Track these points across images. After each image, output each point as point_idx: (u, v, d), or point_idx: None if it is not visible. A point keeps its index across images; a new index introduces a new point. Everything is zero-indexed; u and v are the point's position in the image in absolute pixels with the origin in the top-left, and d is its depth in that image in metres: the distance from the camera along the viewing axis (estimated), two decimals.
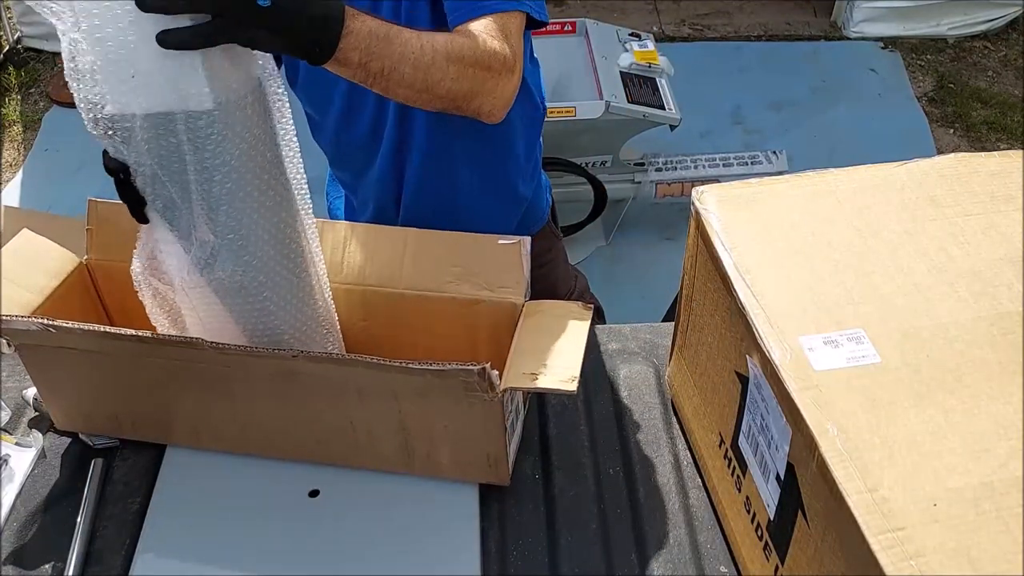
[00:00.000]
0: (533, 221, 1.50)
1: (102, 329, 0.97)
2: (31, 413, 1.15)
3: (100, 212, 1.12)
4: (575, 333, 0.98)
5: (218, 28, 0.80)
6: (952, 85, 3.47)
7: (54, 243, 1.13)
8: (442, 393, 0.94)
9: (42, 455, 1.10)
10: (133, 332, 0.96)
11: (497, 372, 0.90)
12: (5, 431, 1.12)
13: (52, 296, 1.09)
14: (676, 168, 2.68)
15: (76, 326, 0.96)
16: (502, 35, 1.09)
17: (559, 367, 0.93)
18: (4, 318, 0.98)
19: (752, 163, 2.70)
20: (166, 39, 0.77)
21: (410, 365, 0.90)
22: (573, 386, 0.90)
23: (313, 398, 1.00)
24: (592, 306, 1.02)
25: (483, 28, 1.09)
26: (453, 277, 1.07)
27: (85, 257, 1.14)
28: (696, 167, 2.68)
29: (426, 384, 0.93)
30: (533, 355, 0.95)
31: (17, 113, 3.34)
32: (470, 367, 0.88)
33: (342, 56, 0.93)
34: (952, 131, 3.28)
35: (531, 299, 1.06)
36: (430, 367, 0.89)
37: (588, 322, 0.99)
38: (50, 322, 0.96)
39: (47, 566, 0.99)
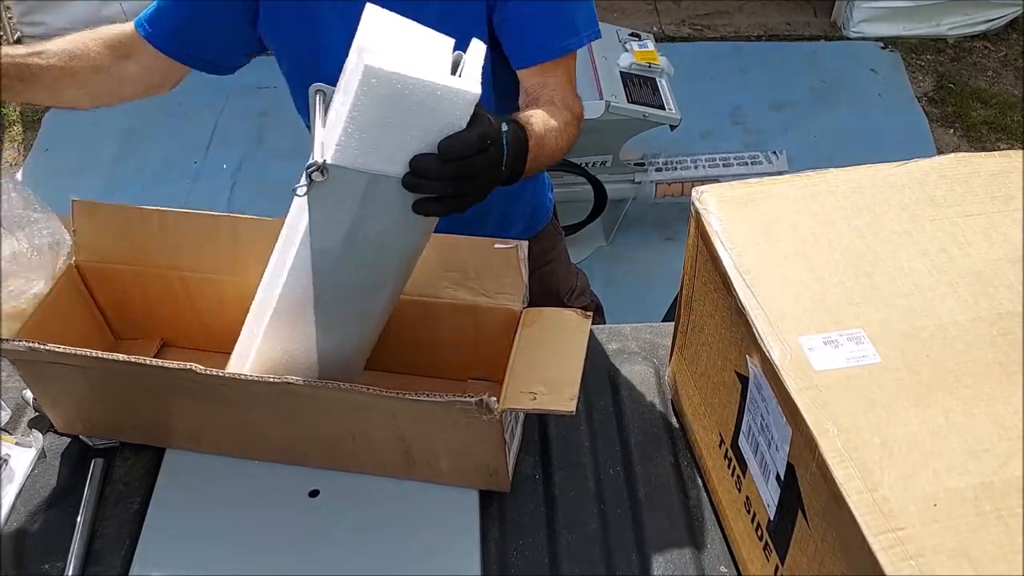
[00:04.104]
0: (538, 220, 1.51)
1: (93, 355, 0.96)
2: (31, 413, 1.15)
3: (84, 212, 1.12)
4: (574, 346, 0.97)
5: (463, 200, 0.87)
6: (952, 85, 3.47)
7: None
8: (440, 415, 0.94)
9: (42, 455, 1.10)
10: (125, 358, 0.95)
11: (495, 399, 0.90)
12: (5, 431, 1.12)
13: (43, 303, 1.07)
14: (676, 168, 2.68)
15: (66, 350, 0.96)
16: (574, 89, 1.19)
17: (558, 384, 0.92)
18: None
19: (752, 163, 2.70)
20: (419, 210, 0.85)
21: (406, 396, 0.90)
22: (572, 406, 0.90)
23: (311, 412, 1.00)
24: (591, 314, 1.01)
25: (566, 92, 1.17)
26: (450, 282, 1.07)
27: (73, 259, 1.13)
28: (696, 167, 2.68)
29: (424, 409, 0.93)
30: (532, 370, 0.94)
31: (17, 113, 3.34)
32: (468, 399, 0.89)
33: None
34: (952, 131, 3.28)
35: (533, 297, 1.06)
36: (428, 398, 0.89)
37: (587, 333, 0.98)
38: (39, 346, 0.95)
39: (47, 566, 0.99)
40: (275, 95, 3.57)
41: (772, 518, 0.85)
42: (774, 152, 2.73)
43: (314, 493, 1.06)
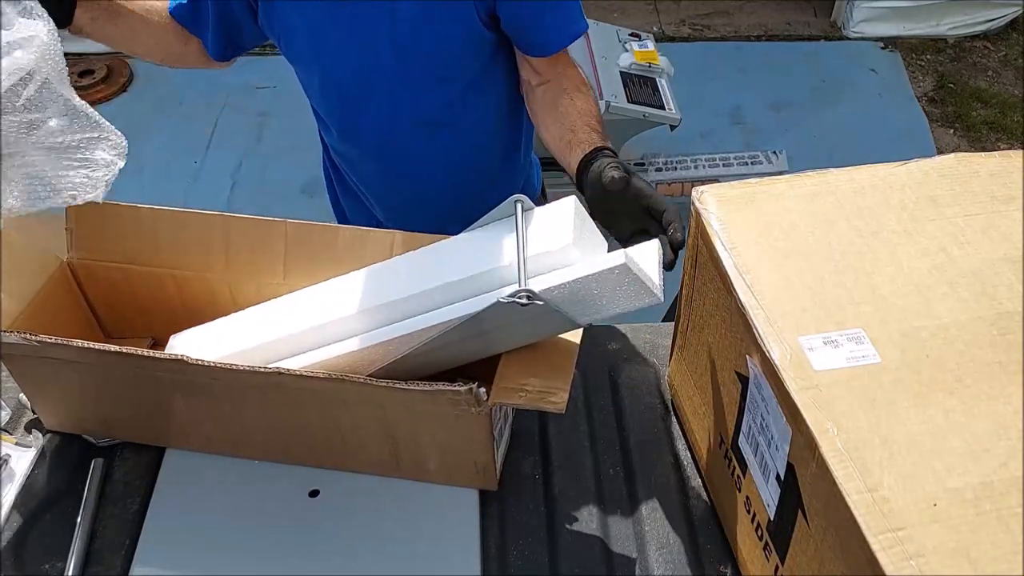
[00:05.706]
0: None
1: (84, 345, 0.96)
2: (31, 414, 1.15)
3: (79, 211, 1.11)
4: (567, 343, 0.96)
5: None
6: (952, 85, 3.47)
7: (33, 243, 1.12)
8: (429, 406, 0.94)
9: (42, 455, 1.10)
10: (116, 348, 0.95)
11: (484, 389, 0.90)
12: (5, 431, 1.12)
13: (34, 299, 1.07)
14: (676, 168, 2.68)
15: (57, 341, 0.95)
16: (574, 63, 1.29)
17: (549, 381, 0.92)
18: None
19: (752, 163, 2.70)
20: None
21: (395, 385, 0.90)
22: (562, 404, 0.89)
23: (300, 407, 1.00)
24: None
25: (575, 74, 1.28)
26: None
27: (67, 256, 1.13)
28: (696, 167, 2.68)
29: (413, 399, 0.93)
30: (524, 365, 0.94)
31: None
32: (458, 387, 0.88)
33: None
34: (952, 131, 3.28)
35: None
36: (418, 387, 0.89)
37: (580, 330, 0.98)
38: (33, 337, 0.95)
39: (47, 566, 0.99)
40: (275, 95, 3.57)
41: (772, 518, 0.85)
42: (774, 152, 2.73)
43: (314, 493, 1.06)
